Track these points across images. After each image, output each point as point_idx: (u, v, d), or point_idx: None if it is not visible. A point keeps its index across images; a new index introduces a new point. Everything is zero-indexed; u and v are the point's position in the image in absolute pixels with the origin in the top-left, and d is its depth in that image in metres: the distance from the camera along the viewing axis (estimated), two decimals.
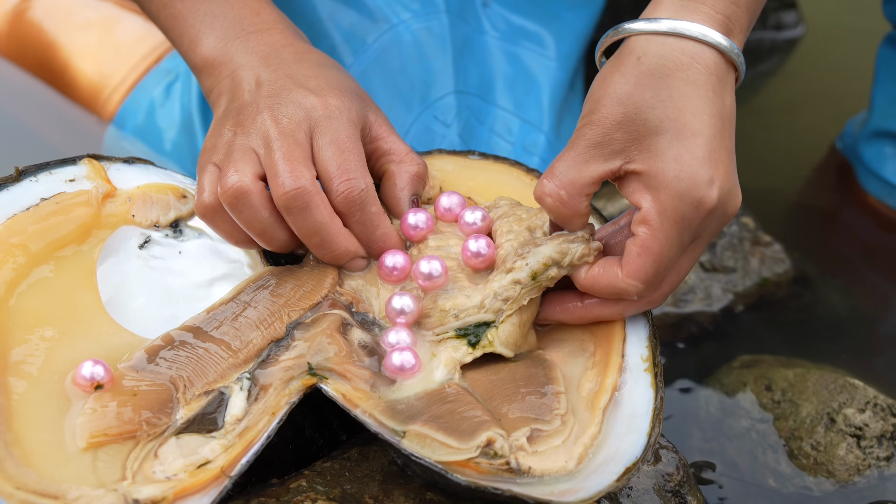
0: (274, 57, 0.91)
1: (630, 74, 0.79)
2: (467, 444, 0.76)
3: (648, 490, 0.87)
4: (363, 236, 0.87)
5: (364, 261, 0.88)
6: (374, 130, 0.91)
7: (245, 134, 0.87)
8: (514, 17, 1.26)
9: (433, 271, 0.86)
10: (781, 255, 1.28)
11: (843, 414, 1.05)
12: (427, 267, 0.86)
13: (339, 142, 0.86)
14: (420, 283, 0.86)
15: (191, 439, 0.76)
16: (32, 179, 0.87)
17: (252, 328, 0.83)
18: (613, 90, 0.79)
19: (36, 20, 1.38)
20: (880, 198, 1.42)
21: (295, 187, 0.83)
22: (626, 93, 0.79)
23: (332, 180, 0.85)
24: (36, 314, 0.82)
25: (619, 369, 0.82)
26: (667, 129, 0.79)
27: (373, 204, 0.86)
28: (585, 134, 0.80)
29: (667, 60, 0.79)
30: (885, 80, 1.41)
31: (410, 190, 0.91)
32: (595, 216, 0.92)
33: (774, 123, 1.67)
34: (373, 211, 0.86)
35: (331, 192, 0.85)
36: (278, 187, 0.84)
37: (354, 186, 0.85)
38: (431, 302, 0.86)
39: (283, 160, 0.84)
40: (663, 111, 0.79)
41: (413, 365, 0.81)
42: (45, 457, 0.74)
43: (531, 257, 0.83)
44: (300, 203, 0.84)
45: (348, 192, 0.85)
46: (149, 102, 1.33)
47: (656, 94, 0.79)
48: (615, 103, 0.79)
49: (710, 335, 1.23)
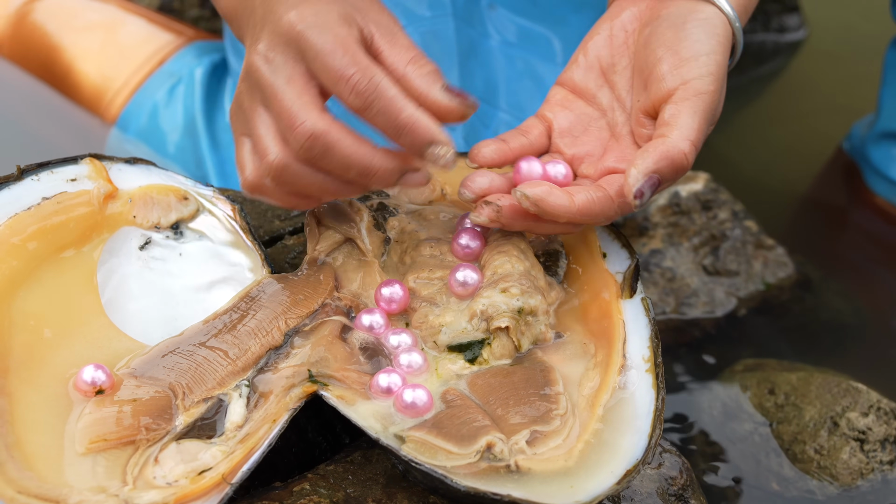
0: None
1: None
2: (467, 450, 0.76)
3: (652, 494, 0.87)
4: (390, 127, 0.79)
5: (419, 173, 0.82)
6: (376, 42, 0.82)
7: (249, 92, 0.83)
8: (520, 20, 1.26)
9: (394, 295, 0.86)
10: (784, 258, 1.28)
11: (846, 418, 1.05)
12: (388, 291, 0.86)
13: (329, 45, 0.79)
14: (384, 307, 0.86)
15: (191, 445, 0.76)
16: (34, 178, 0.87)
17: (250, 336, 0.83)
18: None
19: (39, 23, 1.38)
20: (888, 198, 1.43)
21: (306, 135, 0.78)
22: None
23: (336, 84, 0.79)
24: (37, 315, 0.82)
25: (621, 369, 0.82)
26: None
27: (388, 88, 0.79)
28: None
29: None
30: (893, 81, 1.41)
31: (437, 84, 0.81)
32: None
33: (777, 126, 1.67)
34: (390, 95, 0.79)
35: (342, 97, 0.79)
36: (293, 141, 0.79)
37: (362, 77, 0.78)
38: (423, 316, 0.86)
39: (284, 108, 0.79)
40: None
41: (425, 403, 0.80)
42: (46, 461, 0.74)
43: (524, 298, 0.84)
44: (320, 147, 0.79)
45: (356, 84, 0.78)
46: (152, 105, 1.33)
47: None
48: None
49: (713, 339, 1.23)
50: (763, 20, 1.83)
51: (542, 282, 0.87)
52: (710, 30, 0.85)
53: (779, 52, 1.81)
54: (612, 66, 0.90)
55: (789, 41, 1.82)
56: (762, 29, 1.82)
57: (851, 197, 1.48)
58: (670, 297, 1.23)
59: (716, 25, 0.85)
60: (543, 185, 0.82)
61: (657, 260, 1.25)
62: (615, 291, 0.86)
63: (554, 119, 0.90)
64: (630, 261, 0.87)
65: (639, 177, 0.80)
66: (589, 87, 0.91)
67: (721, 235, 1.27)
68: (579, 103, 0.91)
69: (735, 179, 1.41)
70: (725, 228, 1.27)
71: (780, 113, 1.70)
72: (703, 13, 0.86)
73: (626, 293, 0.86)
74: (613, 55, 0.90)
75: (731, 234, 1.27)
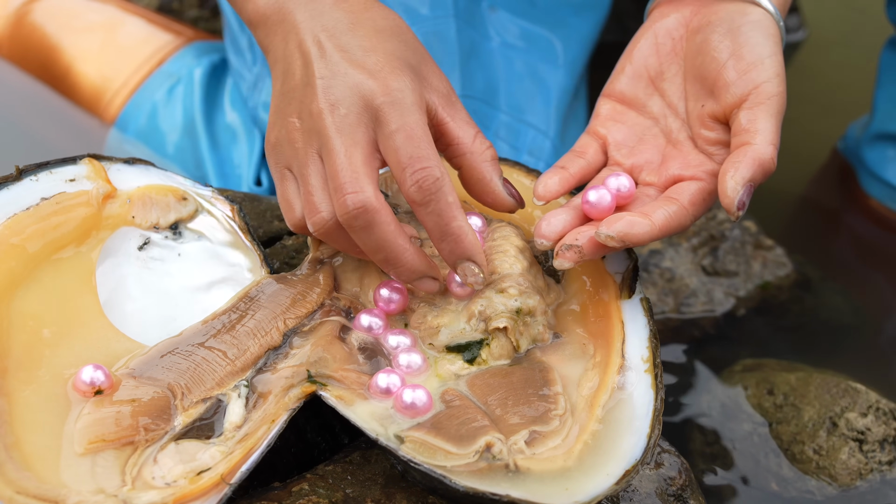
0: (328, 17, 0.85)
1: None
2: (466, 450, 0.76)
3: (651, 494, 0.87)
4: (437, 229, 0.82)
5: (435, 282, 0.85)
6: (439, 114, 0.85)
7: (306, 132, 0.83)
8: (521, 22, 1.26)
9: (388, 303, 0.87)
10: (783, 258, 1.28)
11: (845, 418, 1.05)
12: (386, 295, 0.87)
13: (407, 128, 0.81)
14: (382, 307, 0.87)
15: (190, 445, 0.76)
16: (33, 178, 0.87)
17: (249, 336, 0.83)
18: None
19: (38, 23, 1.38)
20: (882, 201, 1.42)
21: (356, 206, 0.79)
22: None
23: (403, 170, 0.80)
24: (35, 316, 0.82)
25: (620, 370, 0.82)
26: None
27: (449, 193, 0.81)
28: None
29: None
30: (888, 82, 1.41)
31: (497, 174, 0.85)
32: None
33: None
34: (449, 201, 0.81)
35: (403, 183, 0.81)
36: (339, 204, 0.80)
37: (429, 175, 0.80)
38: (421, 316, 0.86)
39: (343, 169, 0.80)
40: None
41: (425, 403, 0.80)
42: (45, 461, 0.74)
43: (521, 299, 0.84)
44: (363, 222, 0.80)
45: (422, 180, 0.80)
46: (151, 105, 1.33)
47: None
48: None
49: (712, 339, 1.23)
50: None
51: (540, 282, 0.87)
52: (764, 31, 0.86)
53: None
54: (661, 73, 0.91)
55: (788, 42, 1.82)
56: None
57: (846, 199, 1.48)
58: (669, 297, 1.23)
59: (767, 27, 0.86)
60: (622, 219, 0.82)
61: (656, 260, 1.25)
62: (614, 292, 0.86)
63: (608, 133, 0.91)
64: (629, 261, 0.87)
65: (737, 188, 0.81)
66: (638, 96, 0.91)
67: (720, 236, 1.27)
68: (630, 114, 0.91)
69: None
70: (724, 229, 1.27)
71: None
72: (752, 15, 0.87)
73: (625, 293, 0.86)
74: (662, 63, 0.91)
75: (729, 234, 1.27)
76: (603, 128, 0.91)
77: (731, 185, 0.81)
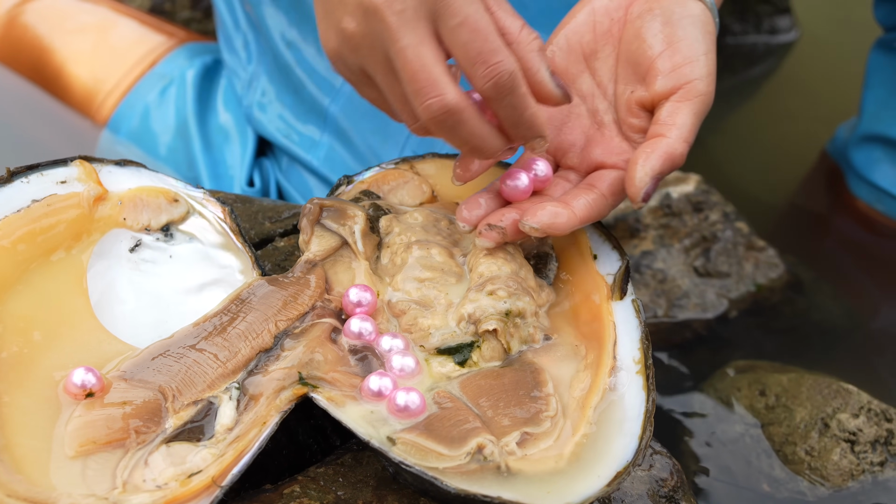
0: None
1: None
2: (458, 451, 0.76)
3: (643, 495, 0.87)
4: (511, 119, 0.82)
5: (511, 151, 0.85)
6: (487, 2, 0.82)
7: (367, 35, 0.81)
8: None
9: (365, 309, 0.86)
10: (775, 259, 1.28)
11: (837, 419, 1.05)
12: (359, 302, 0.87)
13: (471, 21, 0.79)
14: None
15: (181, 448, 0.76)
16: (24, 181, 0.87)
17: (240, 339, 0.83)
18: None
19: (30, 25, 1.38)
20: (869, 202, 1.42)
21: (441, 110, 0.79)
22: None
23: (474, 66, 0.79)
24: (26, 318, 0.82)
25: (611, 371, 0.82)
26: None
27: (521, 84, 0.80)
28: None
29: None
30: (875, 84, 1.41)
31: (545, 65, 0.83)
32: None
33: (768, 128, 1.67)
34: (522, 92, 0.80)
35: (475, 79, 0.80)
36: (424, 109, 0.80)
37: (504, 70, 0.79)
38: (412, 318, 0.86)
39: (418, 73, 0.79)
40: None
41: (418, 406, 0.80)
42: (36, 464, 0.74)
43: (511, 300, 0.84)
44: (450, 122, 0.80)
45: (498, 77, 0.79)
46: (143, 107, 1.32)
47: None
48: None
49: (704, 340, 1.23)
50: (755, 22, 1.83)
51: (531, 283, 0.87)
52: (702, 28, 0.87)
53: (771, 53, 1.81)
54: (595, 52, 0.91)
55: (781, 43, 1.83)
56: (754, 31, 1.83)
57: (834, 200, 1.48)
58: (661, 298, 1.23)
59: (706, 23, 0.87)
60: (545, 209, 0.83)
61: (648, 261, 1.25)
62: (606, 293, 0.86)
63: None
64: (621, 262, 0.88)
65: (646, 178, 0.82)
66: (570, 70, 0.92)
67: (712, 237, 1.27)
68: None
69: (727, 181, 1.41)
70: (717, 230, 1.28)
71: (771, 115, 1.70)
72: (693, 9, 0.87)
73: (617, 295, 0.86)
74: (597, 41, 0.91)
75: (722, 235, 1.27)
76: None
77: (640, 174, 0.82)
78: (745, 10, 1.83)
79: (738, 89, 1.76)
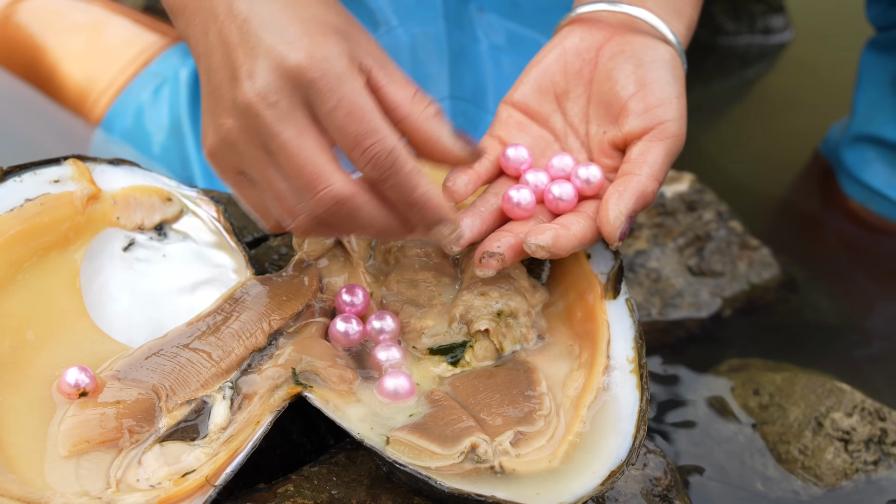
0: None
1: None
2: (451, 451, 0.76)
3: (636, 494, 0.87)
4: (402, 202, 0.77)
5: (447, 224, 0.79)
6: (374, 77, 0.78)
7: (245, 131, 0.77)
8: (509, 24, 1.26)
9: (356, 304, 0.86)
10: (769, 258, 1.28)
11: (830, 418, 1.06)
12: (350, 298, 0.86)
13: (345, 103, 0.74)
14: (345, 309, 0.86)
15: (174, 447, 0.76)
16: (17, 180, 0.87)
17: (234, 338, 0.83)
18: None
19: (23, 24, 1.38)
20: (861, 202, 1.43)
21: (332, 201, 0.75)
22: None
23: (353, 150, 0.75)
24: (19, 317, 0.82)
25: (605, 370, 0.82)
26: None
27: (406, 162, 0.75)
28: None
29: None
30: (867, 83, 1.41)
31: (444, 129, 0.79)
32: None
33: (762, 127, 1.67)
34: (407, 170, 0.75)
35: (357, 163, 0.76)
36: (314, 204, 0.76)
37: (381, 150, 0.74)
38: (405, 318, 0.86)
39: (302, 166, 0.75)
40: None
41: (407, 390, 0.80)
42: (29, 463, 0.74)
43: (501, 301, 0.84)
44: (343, 213, 0.76)
45: (375, 157, 0.75)
46: (137, 106, 1.32)
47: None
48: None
49: (698, 339, 1.23)
50: (748, 22, 1.83)
51: (524, 283, 0.87)
52: (672, 71, 0.88)
53: (765, 54, 1.82)
54: (566, 92, 0.91)
55: (775, 43, 1.83)
56: (747, 31, 1.83)
57: (826, 200, 1.48)
58: (655, 297, 1.23)
59: (676, 67, 0.89)
60: (548, 230, 0.82)
61: (642, 260, 1.25)
62: (599, 292, 0.86)
63: (510, 141, 0.90)
64: (614, 261, 0.88)
65: (620, 217, 0.83)
66: (542, 110, 0.91)
67: (706, 236, 1.27)
68: (533, 126, 0.91)
69: (720, 180, 1.41)
70: (710, 229, 1.28)
71: (765, 114, 1.71)
72: (663, 53, 0.89)
73: (611, 294, 0.86)
74: (568, 82, 0.91)
75: (715, 234, 1.27)
76: (506, 133, 0.91)
77: (614, 214, 0.82)
78: (739, 9, 1.83)
79: (733, 89, 1.76)
